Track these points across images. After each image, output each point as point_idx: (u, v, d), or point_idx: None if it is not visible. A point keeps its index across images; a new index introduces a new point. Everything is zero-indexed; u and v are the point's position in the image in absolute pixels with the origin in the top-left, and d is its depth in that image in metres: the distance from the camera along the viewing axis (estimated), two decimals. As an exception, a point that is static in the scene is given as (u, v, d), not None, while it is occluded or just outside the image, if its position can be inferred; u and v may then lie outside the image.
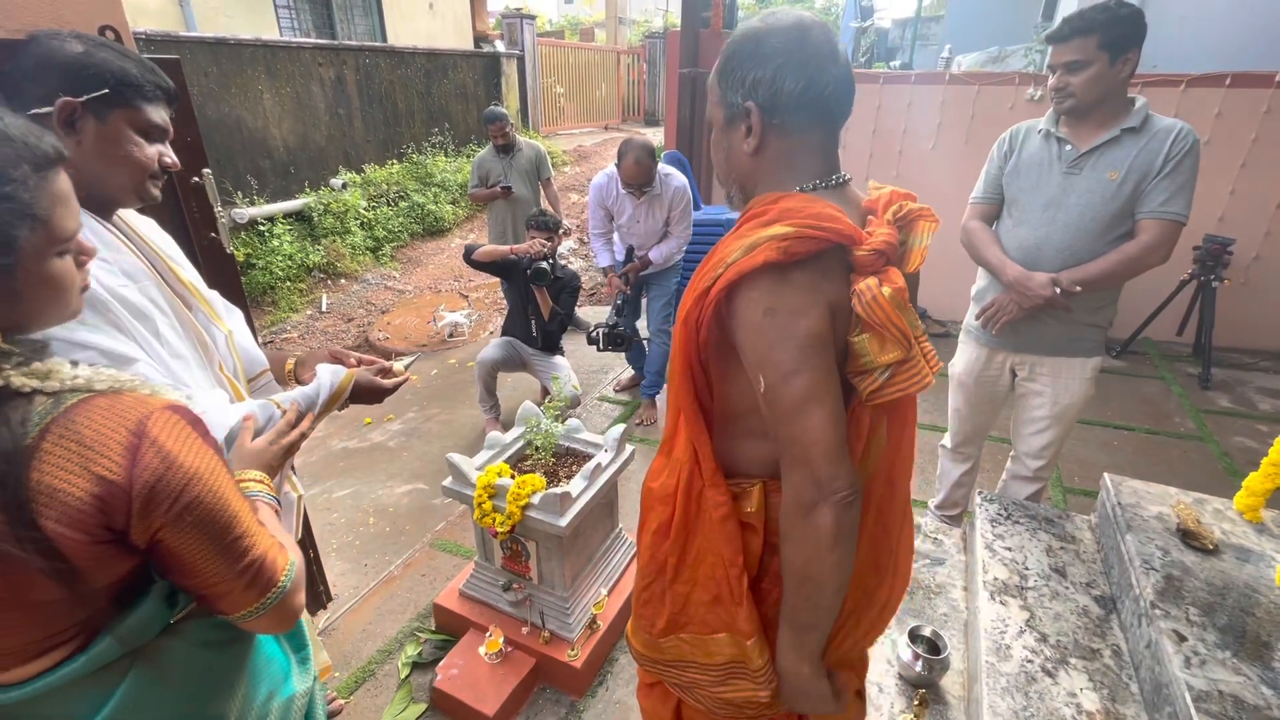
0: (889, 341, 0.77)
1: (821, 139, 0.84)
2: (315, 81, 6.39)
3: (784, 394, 0.77)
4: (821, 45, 0.80)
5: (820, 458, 0.76)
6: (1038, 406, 1.89)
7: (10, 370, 0.56)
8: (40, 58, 0.86)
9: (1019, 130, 1.85)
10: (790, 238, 0.74)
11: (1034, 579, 1.67)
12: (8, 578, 0.55)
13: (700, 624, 0.95)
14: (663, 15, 16.30)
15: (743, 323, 0.78)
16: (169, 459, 0.61)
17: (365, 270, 6.23)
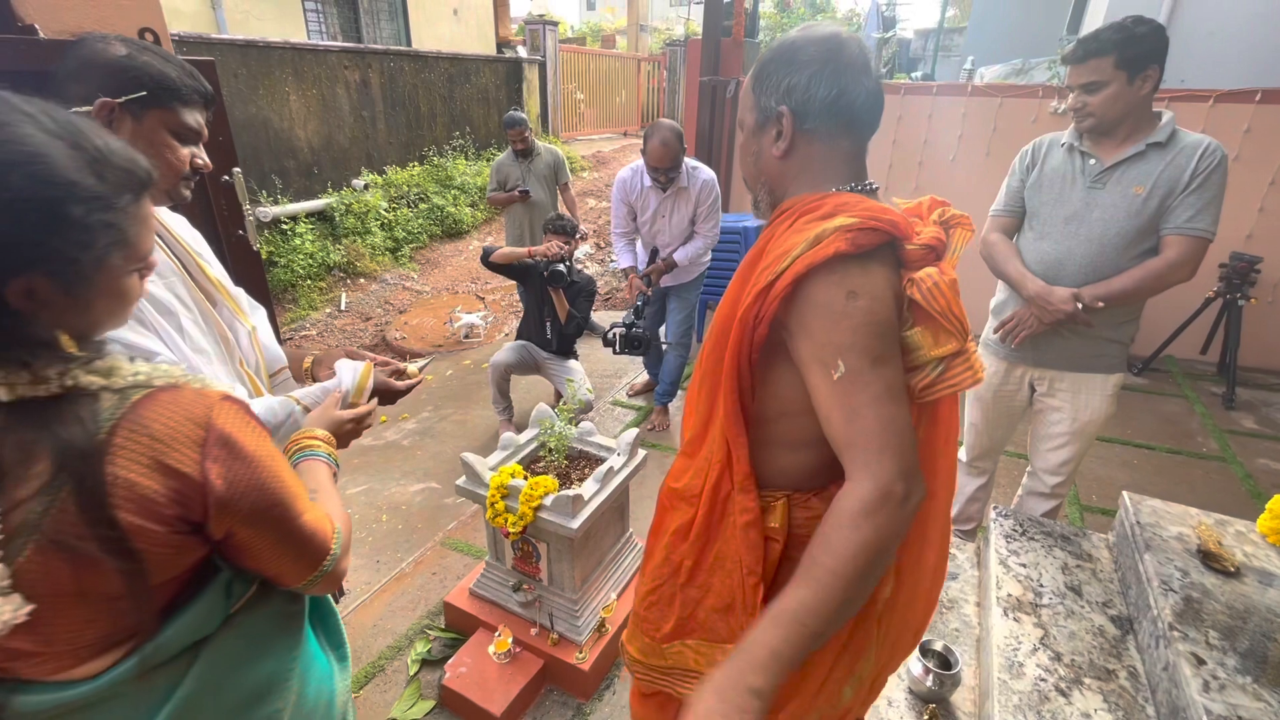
0: (943, 333, 0.77)
1: (850, 147, 0.87)
2: (341, 84, 6.50)
3: (870, 380, 0.73)
4: (855, 57, 0.83)
5: (901, 454, 0.72)
6: (1056, 422, 1.87)
7: (78, 370, 0.58)
8: (84, 59, 0.89)
9: (1042, 143, 1.84)
10: (855, 229, 0.75)
11: (1049, 596, 1.65)
12: (80, 573, 0.57)
13: (709, 631, 0.94)
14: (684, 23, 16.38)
15: (819, 308, 0.75)
16: (237, 451, 0.64)
17: (384, 270, 6.30)
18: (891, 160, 4.12)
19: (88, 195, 0.56)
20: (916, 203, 0.90)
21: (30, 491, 0.54)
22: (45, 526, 0.54)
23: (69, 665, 0.62)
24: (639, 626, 1.03)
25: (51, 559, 0.55)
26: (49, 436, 0.55)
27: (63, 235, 0.55)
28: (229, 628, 0.71)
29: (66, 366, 0.57)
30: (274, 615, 0.77)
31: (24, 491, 0.54)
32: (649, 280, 2.98)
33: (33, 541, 0.54)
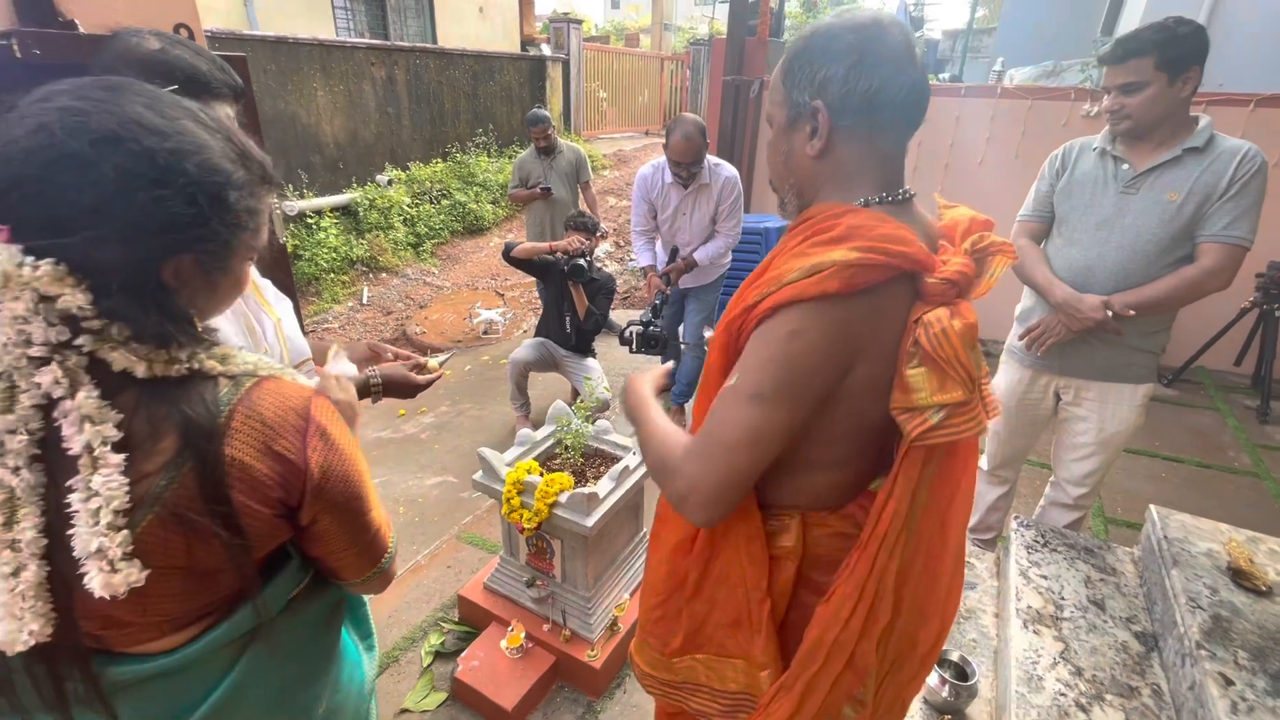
0: (950, 380, 0.71)
1: (890, 147, 0.80)
2: (367, 80, 6.58)
3: (738, 408, 0.74)
4: (899, 46, 0.75)
5: (708, 489, 0.75)
6: (1082, 432, 1.83)
7: (202, 354, 0.61)
8: (118, 53, 0.91)
9: (1072, 147, 1.80)
10: (856, 264, 0.69)
11: (1070, 610, 1.62)
12: (193, 547, 0.60)
13: (718, 646, 0.92)
14: (708, 22, 16.32)
15: (763, 326, 0.75)
16: (331, 443, 0.67)
17: (406, 265, 6.37)
18: (916, 163, 4.06)
19: (240, 183, 0.61)
20: (953, 220, 0.82)
21: (156, 466, 0.57)
22: (166, 499, 0.57)
23: (153, 638, 0.65)
24: (646, 639, 1.00)
25: (170, 531, 0.58)
26: (176, 414, 0.58)
27: (221, 217, 0.59)
28: (286, 614, 0.74)
29: (195, 349, 0.61)
30: (323, 605, 0.80)
31: (150, 465, 0.57)
32: (668, 279, 2.94)
33: (153, 513, 0.57)
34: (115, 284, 0.54)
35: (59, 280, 0.52)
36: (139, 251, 0.55)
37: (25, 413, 0.53)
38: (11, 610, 0.54)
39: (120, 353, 0.56)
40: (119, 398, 0.56)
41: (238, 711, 0.70)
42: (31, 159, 0.51)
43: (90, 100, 0.54)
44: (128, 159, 0.53)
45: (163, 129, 0.56)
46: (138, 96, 0.57)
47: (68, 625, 0.57)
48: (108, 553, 0.54)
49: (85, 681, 0.61)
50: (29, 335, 0.52)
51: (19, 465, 0.53)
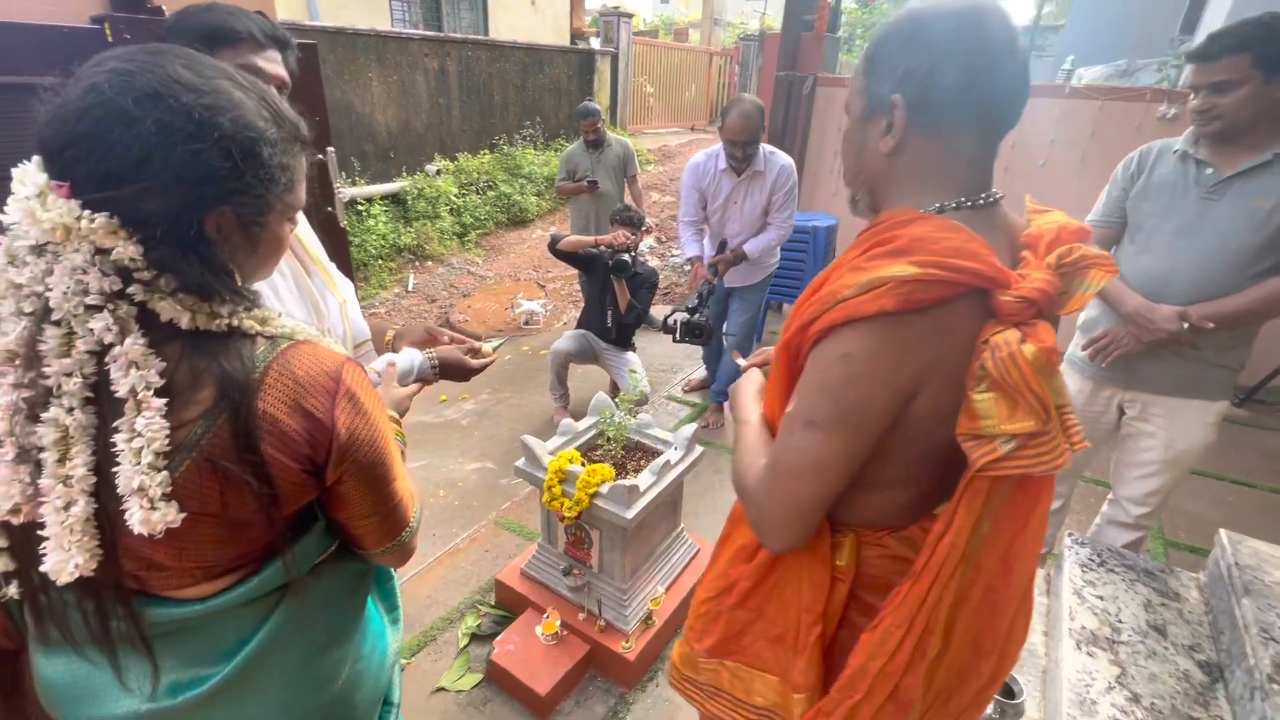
0: (1022, 408, 0.65)
1: (975, 149, 0.74)
2: (420, 71, 6.71)
3: (794, 435, 0.73)
4: (998, 37, 0.69)
5: (776, 516, 0.75)
6: (1147, 449, 1.74)
7: (242, 312, 0.65)
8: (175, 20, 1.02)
9: (1150, 150, 1.71)
10: (915, 280, 0.64)
11: (1128, 633, 1.54)
12: (226, 494, 0.63)
13: (753, 657, 0.90)
14: (759, 17, 16.10)
15: (819, 348, 0.72)
16: (360, 407, 0.70)
17: (451, 254, 6.49)
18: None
19: (273, 139, 0.64)
20: (1040, 229, 0.74)
21: (194, 414, 0.61)
22: (203, 446, 0.61)
23: (188, 584, 0.68)
24: (689, 630, 1.00)
25: (205, 477, 0.61)
26: (215, 367, 0.61)
27: (255, 172, 0.63)
28: (313, 576, 0.76)
29: (235, 307, 0.64)
30: (350, 573, 0.82)
31: (190, 414, 0.60)
32: (715, 270, 2.86)
33: (190, 458, 0.60)
34: (161, 235, 0.58)
35: (113, 233, 0.56)
36: (181, 202, 0.58)
37: (80, 357, 0.56)
38: (61, 542, 0.58)
39: (168, 303, 0.59)
40: (165, 348, 0.60)
41: (265, 670, 0.73)
42: (84, 117, 0.55)
43: (135, 62, 0.58)
44: (167, 114, 0.56)
45: (199, 86, 0.59)
46: (178, 58, 0.60)
47: (111, 562, 0.61)
48: (148, 491, 0.58)
49: (127, 619, 0.65)
50: (86, 285, 0.55)
51: (73, 406, 0.57)
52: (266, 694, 0.74)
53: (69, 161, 0.56)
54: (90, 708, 0.69)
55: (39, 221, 0.54)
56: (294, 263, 1.14)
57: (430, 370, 1.18)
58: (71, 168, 0.55)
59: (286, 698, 0.76)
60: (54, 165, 0.56)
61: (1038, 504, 0.76)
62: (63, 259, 0.55)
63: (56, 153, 0.56)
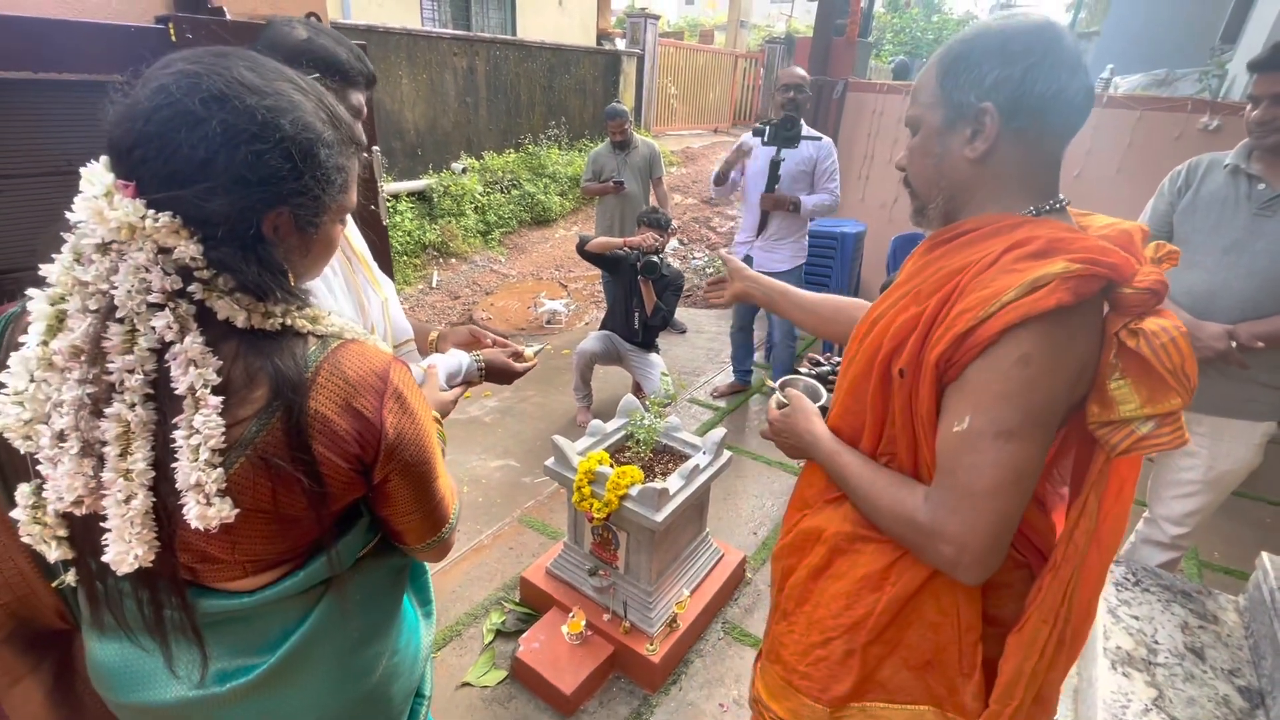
0: (1165, 390, 0.69)
1: (1053, 153, 0.78)
2: (449, 70, 6.78)
3: (985, 451, 0.70)
4: (1072, 52, 0.74)
5: (983, 544, 0.71)
6: (1188, 469, 1.71)
7: (295, 312, 0.66)
8: (271, 40, 1.00)
9: (1199, 163, 1.68)
10: (1077, 276, 0.68)
11: (1164, 655, 1.52)
12: (278, 491, 0.64)
13: (894, 691, 0.84)
14: (786, 20, 16.03)
15: (986, 358, 0.71)
16: (406, 407, 0.71)
17: (474, 252, 6.54)
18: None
19: (330, 141, 0.65)
20: (1122, 230, 0.76)
21: (250, 412, 0.62)
22: (257, 444, 0.62)
23: (238, 576, 0.69)
24: (793, 684, 0.90)
25: (259, 473, 0.62)
26: (269, 366, 0.62)
27: (313, 173, 0.63)
28: (355, 571, 0.77)
29: (289, 306, 0.65)
30: (389, 568, 0.84)
31: (245, 411, 0.61)
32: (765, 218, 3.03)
33: (245, 456, 0.61)
34: (222, 235, 0.59)
35: (175, 233, 0.57)
36: (242, 203, 0.59)
37: (143, 354, 0.57)
38: (121, 534, 0.59)
39: (225, 301, 0.60)
40: (221, 347, 0.61)
41: (308, 661, 0.74)
42: (153, 117, 0.56)
43: (202, 64, 0.59)
44: (232, 115, 0.57)
45: (262, 89, 0.60)
46: (242, 60, 0.61)
47: (167, 554, 0.62)
48: (204, 487, 0.59)
49: (180, 609, 0.66)
50: (149, 283, 0.56)
51: (135, 402, 0.58)
52: (308, 685, 0.76)
53: (137, 161, 0.57)
54: (140, 692, 0.71)
55: (105, 220, 0.55)
56: (342, 259, 1.16)
57: (477, 373, 1.20)
58: (139, 167, 0.57)
59: (326, 689, 0.77)
60: (122, 164, 0.58)
61: (1129, 484, 0.80)
62: (127, 257, 0.56)
63: (125, 152, 0.57)
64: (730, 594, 2.17)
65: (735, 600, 2.17)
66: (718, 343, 4.44)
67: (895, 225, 4.17)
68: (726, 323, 4.74)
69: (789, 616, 0.94)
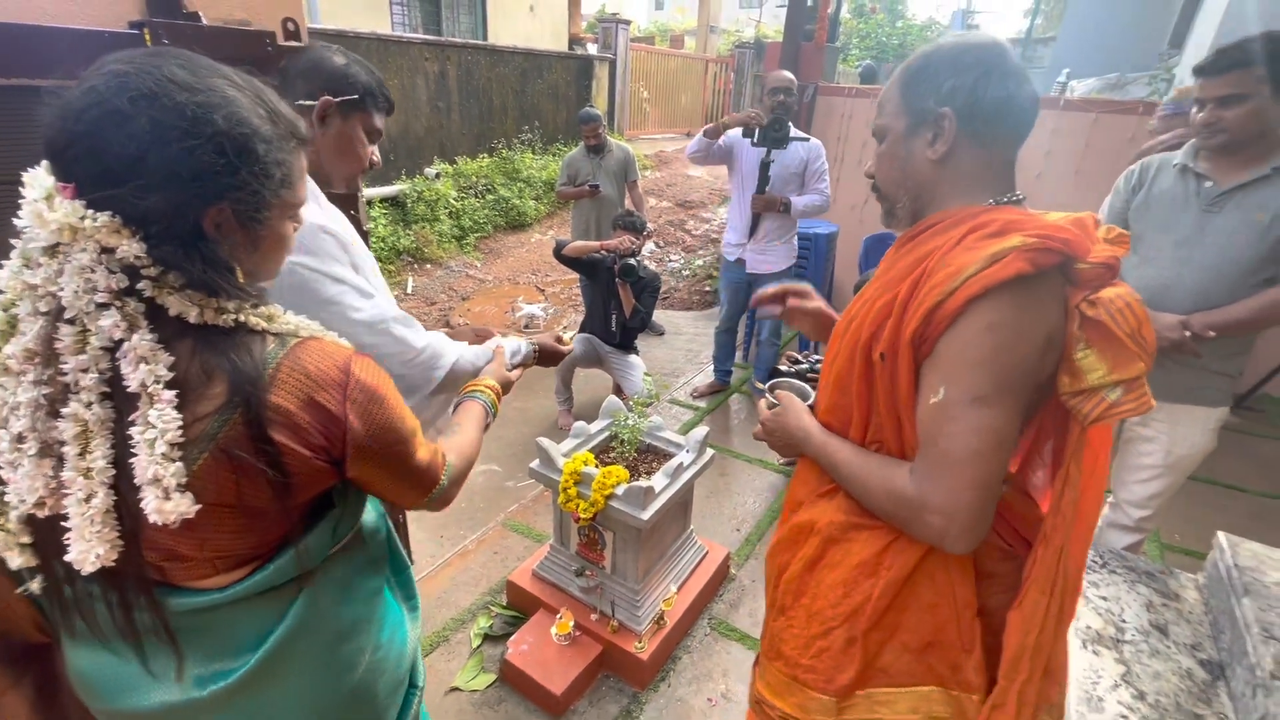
0: (1126, 355, 0.74)
1: (1006, 154, 0.85)
2: (420, 75, 6.73)
3: (961, 418, 0.73)
4: (1017, 65, 0.83)
5: (970, 510, 0.73)
6: (1148, 454, 1.79)
7: (248, 309, 0.66)
8: (313, 62, 1.08)
9: (1151, 163, 1.76)
10: (1034, 249, 0.72)
11: (1131, 633, 1.59)
12: (242, 484, 0.65)
13: (897, 675, 0.84)
14: (754, 25, 16.24)
15: (955, 330, 0.75)
16: (371, 394, 0.72)
17: (450, 258, 6.49)
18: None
19: (267, 136, 0.65)
20: (1075, 217, 0.82)
21: (210, 409, 0.62)
22: (220, 439, 0.63)
23: (207, 574, 0.70)
24: (798, 678, 0.90)
25: (222, 468, 0.63)
26: (227, 363, 0.63)
27: (249, 167, 0.64)
28: (328, 565, 0.78)
29: (241, 303, 0.66)
30: (361, 561, 0.85)
31: (205, 408, 0.62)
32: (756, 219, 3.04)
33: (208, 451, 0.62)
34: (162, 232, 0.59)
35: (116, 231, 0.57)
36: (177, 199, 0.59)
37: (95, 353, 0.58)
38: (83, 533, 0.59)
39: (176, 298, 0.61)
40: (176, 345, 0.61)
41: (288, 661, 0.75)
42: (82, 116, 0.57)
43: (133, 64, 0.59)
44: (161, 112, 0.58)
45: (193, 85, 0.60)
46: (174, 59, 0.62)
47: (132, 552, 0.62)
48: (163, 481, 0.59)
49: (149, 608, 0.66)
50: (94, 283, 0.57)
51: (91, 401, 0.58)
52: (290, 685, 0.76)
53: (70, 161, 0.57)
54: (127, 698, 0.70)
55: (46, 223, 0.56)
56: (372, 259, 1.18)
57: (532, 355, 1.32)
58: (73, 167, 0.57)
59: (309, 688, 0.78)
60: (58, 166, 0.58)
61: (1102, 454, 0.83)
62: (71, 259, 0.56)
63: (59, 153, 0.58)
64: (716, 590, 2.20)
65: (721, 596, 2.20)
66: (696, 344, 4.48)
67: (865, 226, 4.27)
68: (704, 324, 4.80)
69: (787, 611, 0.94)
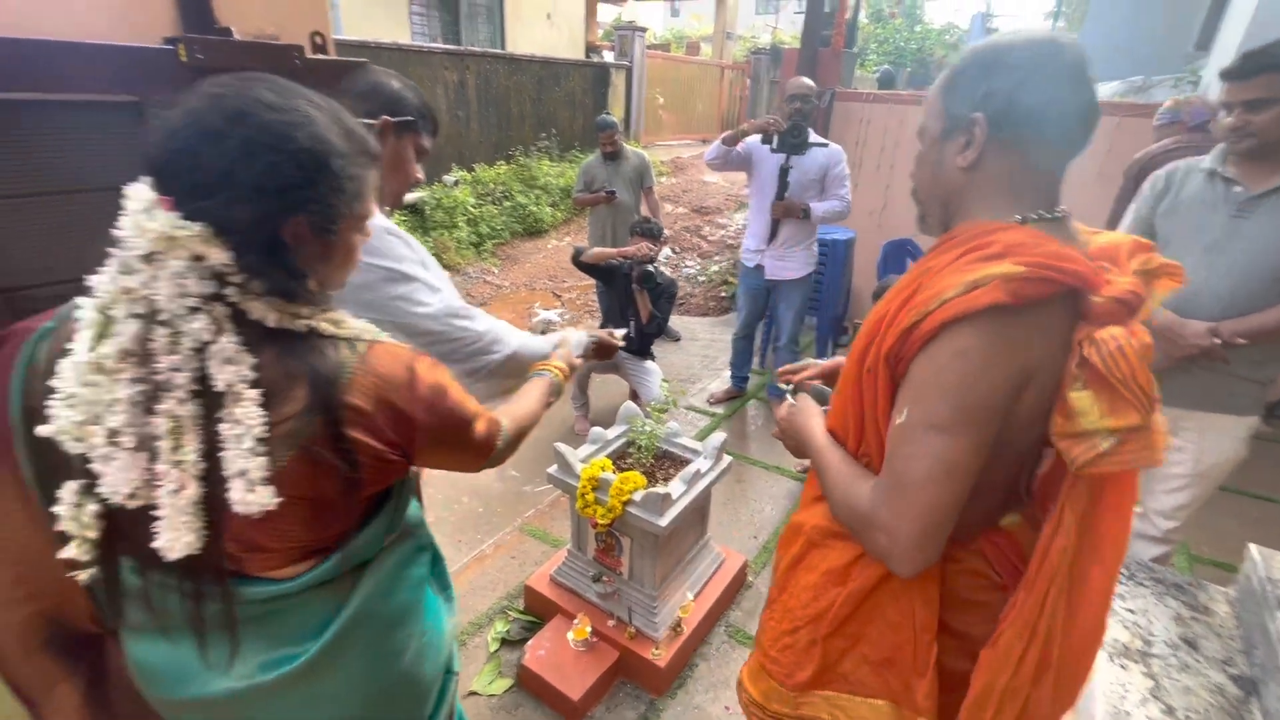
0: (1123, 403, 0.67)
1: (1047, 165, 0.79)
2: (440, 84, 6.82)
3: (917, 443, 0.72)
4: (1072, 66, 0.74)
5: (911, 534, 0.72)
6: (1177, 463, 1.76)
7: (320, 315, 0.71)
8: (373, 84, 1.15)
9: (1178, 168, 1.74)
10: (1021, 278, 0.68)
11: (1160, 646, 1.55)
12: (318, 478, 0.69)
13: (856, 684, 0.87)
14: (770, 31, 16.24)
15: (926, 353, 0.73)
16: (434, 388, 0.78)
17: (467, 264, 6.56)
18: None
19: (343, 153, 0.70)
20: (1114, 242, 0.78)
21: (293, 410, 0.67)
22: (303, 439, 0.67)
23: (281, 565, 0.75)
24: (766, 666, 0.96)
25: (302, 464, 0.68)
26: (307, 368, 0.68)
27: (326, 181, 0.68)
28: (381, 554, 0.84)
29: (314, 309, 0.71)
30: (411, 550, 0.91)
31: (288, 410, 0.67)
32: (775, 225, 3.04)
33: (294, 450, 0.67)
34: (247, 242, 0.64)
35: (206, 241, 0.62)
36: (261, 210, 0.64)
37: (186, 354, 0.62)
38: (173, 522, 0.63)
39: (257, 303, 0.65)
40: (260, 350, 0.65)
41: (348, 646, 0.79)
42: (180, 134, 0.62)
43: (227, 87, 0.65)
44: (250, 130, 0.63)
45: (279, 105, 0.66)
46: (263, 83, 0.67)
47: (214, 543, 0.66)
48: (249, 474, 0.63)
49: (223, 597, 0.70)
50: (186, 288, 0.61)
51: (183, 398, 0.63)
52: (347, 670, 0.80)
53: (169, 176, 0.62)
54: (191, 687, 0.74)
55: (145, 232, 0.60)
56: None
57: (590, 346, 1.40)
58: (172, 182, 0.62)
59: (363, 672, 0.82)
60: (160, 180, 0.63)
61: (1126, 501, 0.77)
62: (166, 266, 0.61)
63: (159, 169, 0.63)
64: (733, 598, 2.19)
65: (738, 604, 2.19)
66: (712, 349, 4.48)
67: (884, 231, 4.24)
68: (719, 330, 4.79)
69: (771, 604, 0.99)
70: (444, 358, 1.16)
